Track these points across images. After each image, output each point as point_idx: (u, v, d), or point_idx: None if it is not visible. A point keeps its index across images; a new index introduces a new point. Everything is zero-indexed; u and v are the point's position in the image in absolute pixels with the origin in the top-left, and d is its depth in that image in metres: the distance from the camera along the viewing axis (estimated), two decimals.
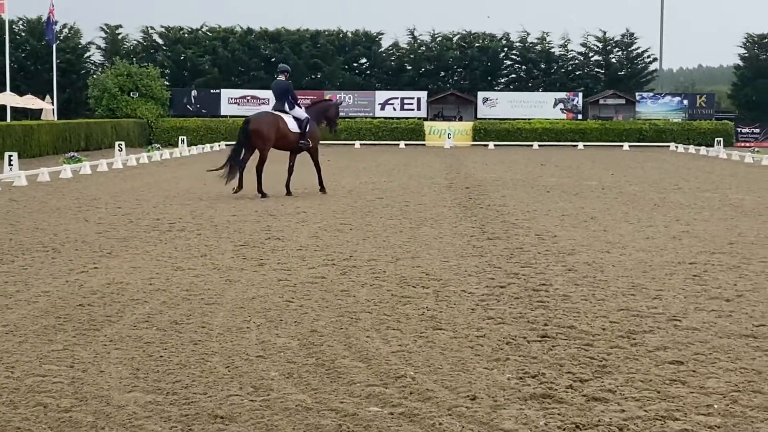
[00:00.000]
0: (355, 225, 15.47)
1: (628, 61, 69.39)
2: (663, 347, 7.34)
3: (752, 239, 13.71)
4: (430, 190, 22.58)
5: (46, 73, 58.95)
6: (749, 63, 68.17)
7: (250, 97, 61.03)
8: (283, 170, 22.03)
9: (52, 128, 41.60)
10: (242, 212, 17.29)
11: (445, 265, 11.38)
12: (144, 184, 24.31)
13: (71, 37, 65.39)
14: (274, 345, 7.41)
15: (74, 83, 63.54)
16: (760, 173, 30.09)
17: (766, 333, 7.80)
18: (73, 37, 65.58)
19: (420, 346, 7.42)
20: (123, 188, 22.79)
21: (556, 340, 7.59)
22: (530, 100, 62.14)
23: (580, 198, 20.51)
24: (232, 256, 12.06)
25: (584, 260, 11.71)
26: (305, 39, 66.21)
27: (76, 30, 66.08)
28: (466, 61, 67.54)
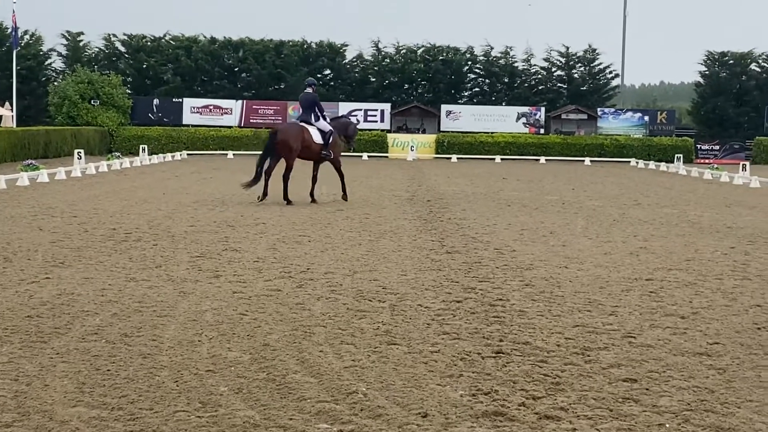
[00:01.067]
0: (313, 237, 15.37)
1: (590, 76, 69.79)
2: (617, 364, 7.31)
3: (709, 256, 13.76)
4: (390, 203, 22.53)
5: (5, 80, 58.32)
6: (710, 80, 68.81)
7: (212, 107, 60.76)
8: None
9: (11, 135, 41.14)
10: (200, 223, 17.13)
11: (403, 278, 11.31)
12: (102, 192, 24.06)
13: (32, 44, 64.67)
14: (225, 359, 7.30)
15: (34, 90, 62.85)
16: (719, 190, 30.32)
17: (719, 351, 7.80)
18: (34, 44, 64.86)
19: (373, 361, 7.34)
20: (80, 197, 22.54)
21: (511, 356, 7.54)
22: (493, 113, 62.31)
23: (540, 212, 20.53)
24: (187, 267, 11.93)
25: (542, 275, 11.68)
26: (269, 49, 66.00)
27: (37, 37, 65.39)
28: (429, 74, 67.63)
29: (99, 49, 66.38)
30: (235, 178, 31.88)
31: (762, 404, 6.37)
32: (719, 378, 6.99)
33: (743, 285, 11.19)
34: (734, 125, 67.28)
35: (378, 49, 68.93)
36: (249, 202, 21.82)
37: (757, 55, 68.61)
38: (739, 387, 6.76)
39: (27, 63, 62.25)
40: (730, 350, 7.84)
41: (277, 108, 61.21)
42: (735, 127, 67.08)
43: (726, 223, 18.68)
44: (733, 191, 29.75)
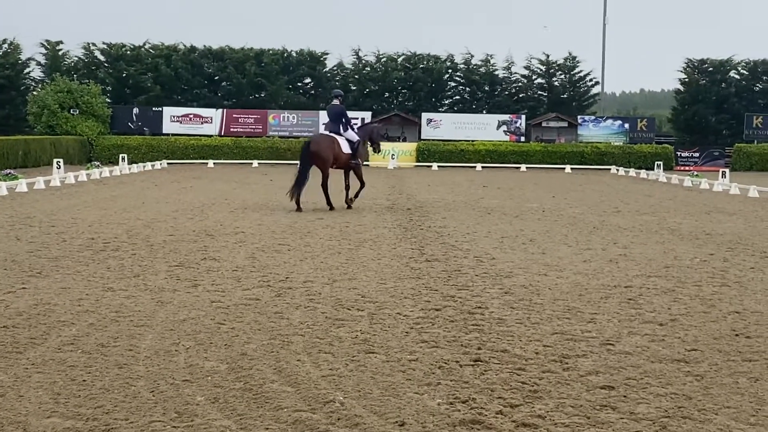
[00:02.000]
0: (293, 245, 15.33)
1: (570, 84, 70.02)
2: (595, 372, 7.31)
3: (688, 263, 13.79)
4: (371, 211, 22.50)
5: None
6: (689, 87, 69.15)
7: (192, 116, 60.61)
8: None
9: None
10: (179, 232, 17.06)
11: (382, 287, 11.29)
12: (81, 202, 23.94)
13: (11, 53, 64.37)
14: (202, 369, 7.26)
15: (13, 99, 62.59)
16: (699, 197, 30.43)
17: (697, 358, 7.81)
18: (12, 53, 64.54)
19: (351, 370, 7.31)
20: (59, 206, 22.41)
21: (489, 364, 7.52)
22: (474, 121, 62.42)
23: (520, 220, 20.55)
24: (165, 276, 11.87)
25: (521, 283, 11.68)
26: (249, 58, 65.94)
27: (15, 45, 65.07)
28: (410, 82, 67.72)
29: (78, 58, 66.12)
30: (215, 186, 31.87)
31: (740, 411, 6.38)
32: (697, 385, 6.99)
33: (722, 292, 11.21)
34: (714, 132, 67.64)
35: (358, 57, 69.03)
36: (229, 210, 21.77)
37: (737, 63, 69.03)
38: (716, 394, 6.76)
39: (5, 72, 62.08)
40: (708, 357, 7.85)
41: (258, 117, 61.13)
42: (715, 135, 67.44)
43: (705, 230, 18.74)
44: (713, 198, 29.87)
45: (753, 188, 31.54)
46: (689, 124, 68.40)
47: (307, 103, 66.32)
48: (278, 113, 61.67)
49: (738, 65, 69.11)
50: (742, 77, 69.24)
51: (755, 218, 21.91)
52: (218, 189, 30.81)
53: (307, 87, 68.87)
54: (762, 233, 18.33)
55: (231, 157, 57.32)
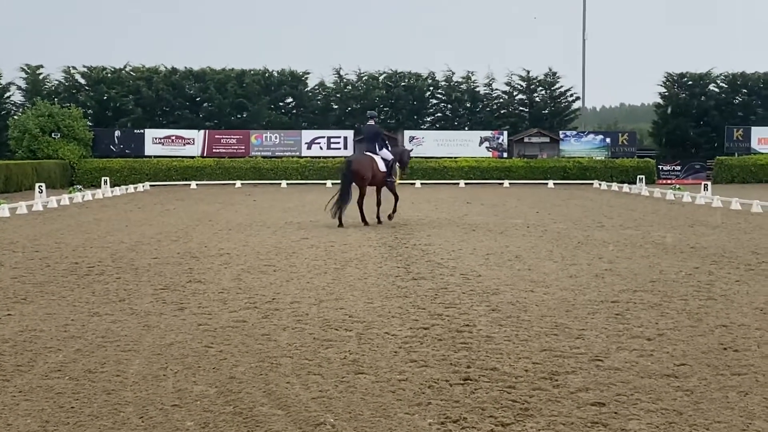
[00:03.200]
0: (279, 266, 15.29)
1: (551, 99, 70.31)
2: (585, 388, 7.30)
3: (673, 277, 13.82)
4: (355, 230, 22.47)
5: None
6: (669, 101, 69.53)
7: (174, 137, 60.56)
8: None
9: None
10: (164, 255, 17.00)
11: (369, 306, 11.26)
12: (64, 226, 23.83)
13: None
14: (191, 393, 7.22)
15: None
16: (681, 210, 30.54)
17: (687, 372, 7.81)
18: None
19: (341, 391, 7.28)
20: (42, 231, 22.31)
21: (479, 382, 7.51)
22: (456, 138, 62.61)
23: (505, 236, 20.56)
24: (151, 300, 11.81)
25: (508, 300, 11.67)
26: (231, 78, 65.95)
27: None
28: (392, 100, 67.88)
29: (59, 82, 66.03)
30: (198, 208, 31.82)
31: (730, 425, 6.38)
32: (687, 400, 6.99)
33: (708, 305, 11.24)
34: (695, 145, 68.02)
35: (340, 76, 69.19)
36: (213, 232, 21.72)
37: (716, 76, 69.53)
38: (706, 408, 6.77)
39: None
40: (697, 371, 7.85)
41: (240, 137, 61.12)
42: (695, 148, 67.81)
43: (690, 243, 18.79)
44: (696, 211, 29.98)
45: (735, 200, 31.68)
46: (670, 138, 68.76)
47: (289, 122, 66.36)
48: (260, 133, 61.67)
49: (717, 78, 69.63)
50: (721, 90, 69.71)
51: (738, 231, 21.98)
52: (202, 210, 30.75)
53: (289, 106, 68.94)
54: (745, 245, 18.40)
55: (214, 177, 57.27)
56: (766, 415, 6.61)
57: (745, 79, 69.14)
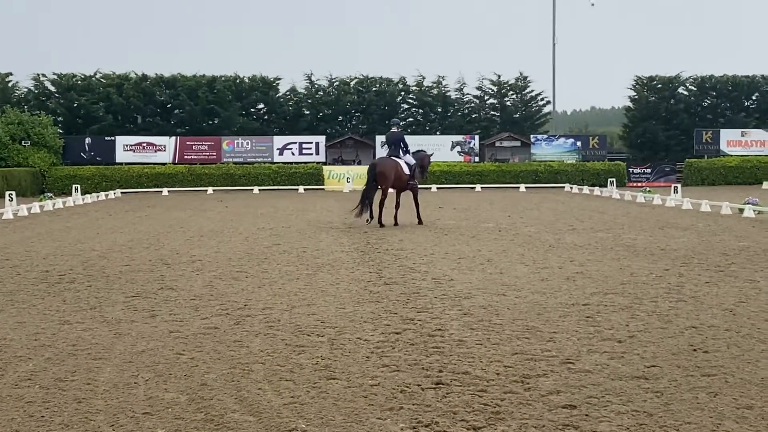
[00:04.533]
0: (251, 272, 15.26)
1: (522, 103, 70.59)
2: (556, 391, 7.33)
3: (644, 279, 13.90)
4: (328, 235, 22.47)
5: None
6: (639, 104, 69.95)
7: (145, 144, 60.32)
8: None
9: None
10: (135, 262, 16.93)
11: (341, 311, 11.26)
12: (35, 234, 23.68)
13: None
14: (162, 400, 7.19)
15: None
16: (652, 213, 30.71)
17: (657, 374, 7.86)
18: None
19: (313, 397, 7.28)
20: (12, 239, 22.16)
21: (451, 386, 7.52)
22: (428, 143, 62.43)
23: (477, 240, 20.61)
24: (122, 308, 11.76)
25: (480, 304, 11.70)
26: (201, 85, 65.78)
27: None
28: (363, 105, 67.92)
29: (28, 89, 65.67)
30: (170, 215, 31.70)
31: (700, 426, 6.42)
32: (657, 401, 7.04)
33: (678, 307, 11.31)
34: (664, 148, 68.43)
35: (311, 81, 69.17)
36: (185, 238, 21.65)
37: (684, 79, 69.99)
38: (677, 410, 6.81)
39: None
40: (668, 373, 7.90)
41: (212, 143, 60.96)
42: (665, 150, 68.22)
43: (660, 246, 18.91)
44: (666, 213, 30.15)
45: (705, 203, 31.90)
46: (640, 141, 69.20)
47: (261, 128, 66.27)
48: (232, 139, 61.54)
49: (686, 81, 70.08)
50: (690, 93, 70.19)
51: (708, 233, 22.14)
52: (173, 217, 30.64)
53: (261, 112, 68.87)
54: (715, 247, 18.53)
55: (185, 184, 57.10)
56: (736, 415, 6.66)
57: (714, 82, 69.68)
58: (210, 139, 61.62)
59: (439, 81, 69.26)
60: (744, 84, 69.70)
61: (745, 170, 59.77)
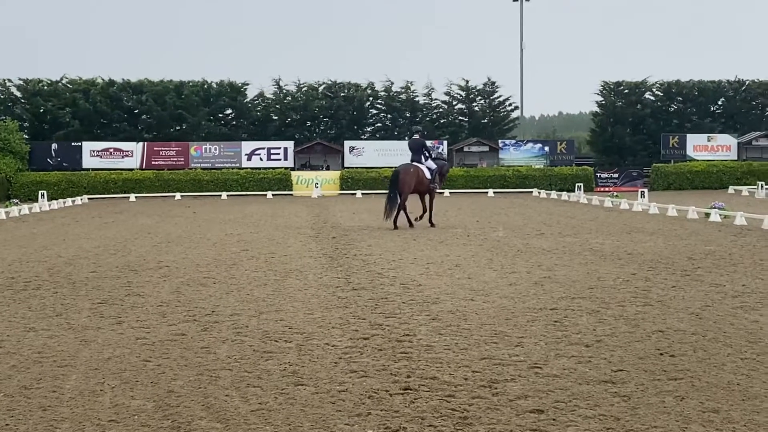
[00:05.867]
0: (218, 278, 15.19)
1: (490, 109, 70.81)
2: (524, 396, 7.35)
3: (611, 283, 13.96)
4: (296, 241, 22.42)
5: None
6: (606, 109, 70.35)
7: (113, 150, 59.97)
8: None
9: None
10: (102, 268, 16.82)
11: (309, 317, 11.24)
12: (0, 240, 23.47)
13: None
14: (128, 408, 7.14)
15: None
16: (619, 217, 30.87)
17: (624, 378, 7.89)
18: None
19: (281, 403, 7.25)
20: None
21: (419, 392, 7.51)
22: (396, 148, 62.61)
23: (445, 245, 20.63)
24: (89, 314, 11.67)
25: (448, 309, 11.71)
26: (169, 90, 65.50)
27: None
28: (332, 111, 67.89)
29: None
30: (137, 220, 31.53)
31: (667, 430, 6.45)
32: (624, 405, 7.06)
33: (645, 311, 11.37)
34: (632, 153, 68.89)
35: (279, 87, 69.06)
36: (152, 244, 21.54)
37: (651, 84, 70.48)
38: (644, 414, 6.84)
39: None
40: (634, 377, 7.94)
41: (179, 149, 60.71)
42: (632, 155, 68.66)
43: (627, 250, 19.00)
44: (633, 218, 30.32)
45: (671, 207, 32.12)
46: (607, 146, 69.59)
47: (229, 133, 66.10)
48: (200, 145, 61.31)
49: (653, 87, 70.58)
50: (657, 98, 70.71)
51: (674, 237, 22.29)
52: (141, 223, 30.48)
53: (229, 118, 68.67)
54: (681, 252, 18.65)
55: (153, 190, 56.80)
56: (702, 419, 6.69)
57: (680, 87, 70.23)
58: (178, 144, 61.36)
59: (408, 86, 69.38)
60: (710, 89, 70.30)
61: (711, 175, 60.22)
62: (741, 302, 11.98)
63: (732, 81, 71.12)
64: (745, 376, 7.93)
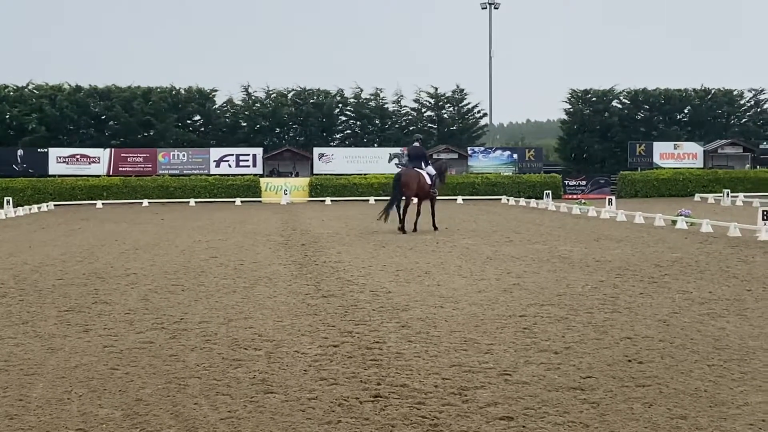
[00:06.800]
0: (187, 286, 15.11)
1: (459, 116, 71.03)
2: (494, 403, 7.35)
3: (579, 290, 14.02)
4: (265, 248, 22.36)
5: None
6: (574, 117, 70.75)
7: (79, 156, 59.59)
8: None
9: None
10: (69, 275, 16.69)
11: (279, 325, 11.20)
12: None
13: None
14: (96, 417, 7.08)
15: None
16: (587, 225, 31.02)
17: (593, 385, 7.92)
18: None
19: (250, 411, 7.22)
20: None
21: (389, 399, 7.51)
22: (365, 155, 62.77)
23: (414, 252, 20.64)
24: (55, 322, 11.57)
25: (418, 316, 11.71)
26: (137, 96, 65.21)
27: None
28: (301, 117, 67.86)
29: None
30: (104, 227, 31.33)
31: None
32: (593, 412, 7.09)
33: (613, 318, 11.42)
34: (599, 161, 69.34)
35: (248, 93, 68.94)
36: (119, 252, 21.40)
37: (618, 92, 70.98)
38: (612, 420, 6.86)
39: None
40: (603, 384, 7.97)
41: (147, 155, 60.42)
42: (600, 163, 69.12)
43: (595, 257, 19.09)
44: (601, 225, 30.48)
45: (638, 214, 32.31)
46: (575, 153, 70.03)
47: (197, 140, 65.86)
48: (168, 151, 61.06)
49: (620, 95, 71.08)
50: (624, 106, 71.22)
51: (642, 244, 22.42)
52: (108, 230, 30.29)
53: (197, 124, 68.45)
54: (649, 259, 18.76)
55: (120, 197, 56.47)
56: (670, 425, 6.73)
57: (647, 95, 70.80)
58: (145, 150, 61.06)
59: (377, 93, 69.50)
60: (676, 97, 70.92)
61: (677, 182, 60.65)
62: (708, 309, 12.07)
63: (698, 89, 71.79)
64: (712, 382, 7.98)
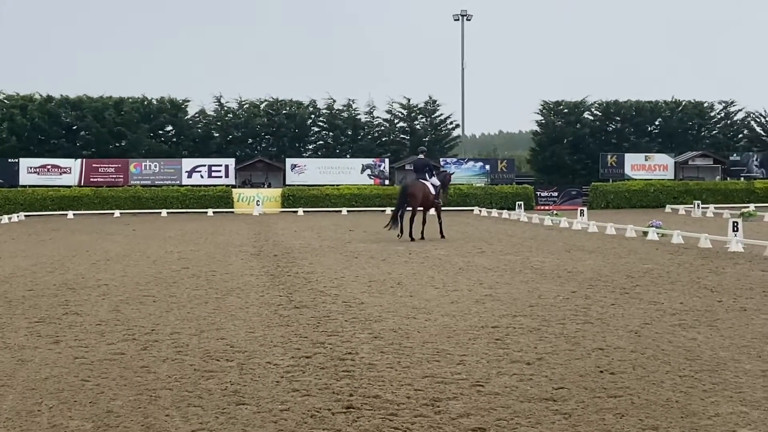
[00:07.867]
0: (158, 297, 15.04)
1: (432, 127, 71.21)
2: (466, 414, 7.35)
3: (551, 301, 14.06)
4: (237, 259, 22.29)
5: None
6: (546, 128, 71.08)
7: (50, 166, 59.25)
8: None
9: None
10: (39, 286, 16.57)
11: (251, 336, 11.16)
12: None
13: None
14: (67, 428, 7.03)
15: None
16: (559, 236, 31.12)
17: (564, 396, 7.94)
18: None
19: (222, 423, 7.18)
20: None
21: (361, 410, 7.49)
22: (338, 166, 62.76)
23: (387, 263, 20.64)
24: (25, 333, 11.48)
25: (390, 327, 11.70)
26: (108, 106, 64.96)
27: None
28: (273, 128, 67.81)
29: None
30: (75, 238, 31.14)
31: None
32: (565, 423, 7.10)
33: (585, 329, 11.46)
34: (571, 172, 69.67)
35: (220, 104, 68.83)
36: (90, 262, 21.27)
37: (590, 104, 71.42)
38: (584, 431, 6.88)
39: None
40: (575, 394, 7.99)
41: (119, 166, 60.15)
42: (572, 174, 69.46)
43: (567, 268, 19.16)
44: (573, 236, 30.60)
45: (610, 226, 32.47)
46: (547, 165, 70.31)
47: (170, 150, 65.65)
48: (140, 162, 60.81)
49: (591, 106, 71.51)
50: (595, 118, 71.63)
51: (613, 255, 22.52)
52: (79, 240, 30.11)
53: (169, 135, 68.23)
54: (620, 270, 18.85)
55: (92, 207, 56.16)
56: None
57: (618, 107, 71.28)
58: (117, 161, 60.79)
59: (350, 104, 69.60)
60: (647, 109, 71.43)
61: (648, 194, 61.00)
62: (679, 320, 12.14)
63: (669, 101, 72.34)
64: (683, 393, 8.02)
